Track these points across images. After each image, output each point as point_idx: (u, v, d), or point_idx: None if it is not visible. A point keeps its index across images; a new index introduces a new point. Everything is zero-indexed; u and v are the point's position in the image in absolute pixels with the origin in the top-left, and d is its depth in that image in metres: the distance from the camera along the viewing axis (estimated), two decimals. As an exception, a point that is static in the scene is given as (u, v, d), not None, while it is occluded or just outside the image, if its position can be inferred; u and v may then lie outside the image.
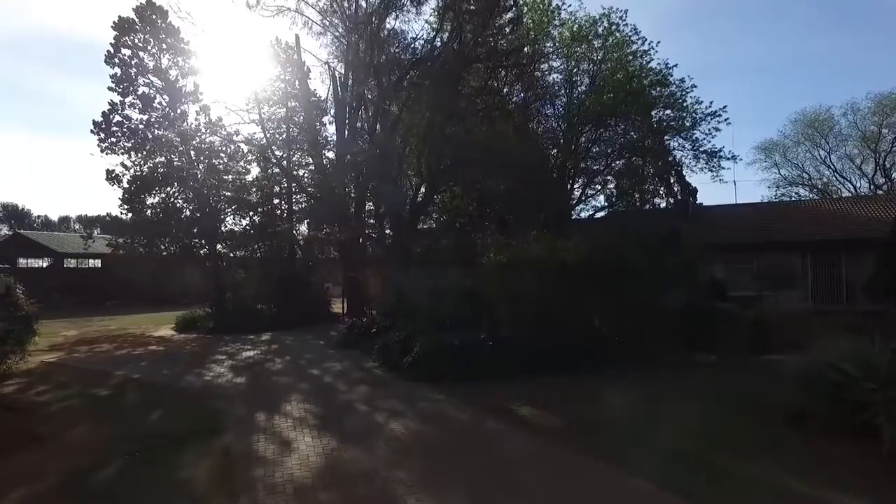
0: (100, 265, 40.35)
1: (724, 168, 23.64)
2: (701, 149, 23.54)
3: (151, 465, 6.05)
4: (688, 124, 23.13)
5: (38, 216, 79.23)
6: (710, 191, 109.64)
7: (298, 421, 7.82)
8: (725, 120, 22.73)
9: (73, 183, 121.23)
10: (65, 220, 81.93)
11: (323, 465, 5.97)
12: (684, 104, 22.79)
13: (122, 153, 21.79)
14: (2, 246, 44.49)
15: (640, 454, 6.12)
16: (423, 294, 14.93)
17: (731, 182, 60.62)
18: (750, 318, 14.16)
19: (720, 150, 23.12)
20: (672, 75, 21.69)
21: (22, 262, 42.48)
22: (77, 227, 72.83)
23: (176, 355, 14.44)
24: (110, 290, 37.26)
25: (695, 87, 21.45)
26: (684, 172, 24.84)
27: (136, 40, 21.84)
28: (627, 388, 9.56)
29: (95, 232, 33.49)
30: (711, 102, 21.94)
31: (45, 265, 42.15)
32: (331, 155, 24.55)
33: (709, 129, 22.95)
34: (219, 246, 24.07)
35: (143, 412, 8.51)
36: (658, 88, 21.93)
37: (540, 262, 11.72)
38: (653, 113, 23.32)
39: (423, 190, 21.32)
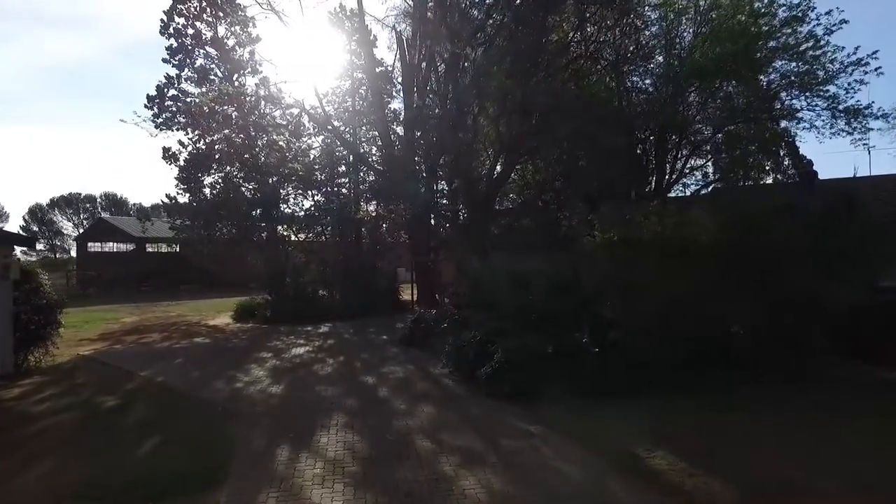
0: (178, 250, 40.61)
1: (871, 129, 18.67)
2: (840, 106, 18.77)
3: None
4: (820, 77, 18.50)
5: (134, 204, 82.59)
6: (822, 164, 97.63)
7: (331, 465, 5.44)
8: (875, 70, 17.74)
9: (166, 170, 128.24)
10: (156, 208, 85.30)
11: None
12: (817, 55, 18.23)
13: (178, 129, 20.41)
14: (89, 232, 46.59)
15: None
16: (502, 282, 12.37)
17: (844, 153, 52.34)
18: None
19: (868, 107, 18.28)
20: (815, 8, 17.29)
21: (110, 246, 43.80)
22: (164, 214, 75.15)
23: (218, 351, 12.59)
24: (186, 275, 37.20)
25: (845, 22, 16.91)
26: (815, 137, 20.28)
27: (192, 8, 20.33)
28: (818, 422, 6.48)
29: (163, 215, 33.23)
30: (857, 48, 17.05)
31: (129, 250, 43.13)
32: (399, 130, 22.32)
33: (849, 83, 18.20)
34: (279, 228, 22.41)
35: (137, 438, 6.43)
36: (791, 30, 17.63)
37: (663, 242, 8.76)
38: (773, 66, 18.95)
39: (500, 163, 18.48)
